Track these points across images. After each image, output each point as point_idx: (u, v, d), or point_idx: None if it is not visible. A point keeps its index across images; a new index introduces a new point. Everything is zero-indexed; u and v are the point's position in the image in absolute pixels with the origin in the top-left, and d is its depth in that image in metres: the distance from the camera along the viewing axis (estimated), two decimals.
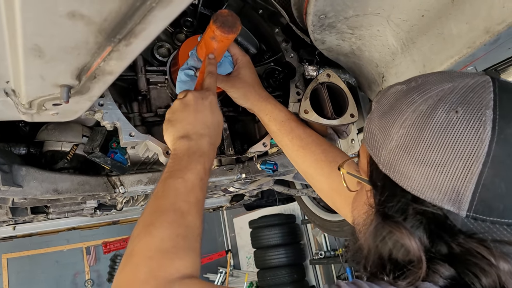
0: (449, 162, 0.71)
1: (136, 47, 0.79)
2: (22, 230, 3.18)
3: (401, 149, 0.77)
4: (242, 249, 10.13)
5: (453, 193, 0.71)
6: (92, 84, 0.92)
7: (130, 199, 2.47)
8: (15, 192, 1.64)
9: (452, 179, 0.71)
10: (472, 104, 0.73)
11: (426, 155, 0.74)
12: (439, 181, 0.72)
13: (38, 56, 0.77)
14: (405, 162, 0.76)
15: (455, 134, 0.71)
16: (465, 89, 0.76)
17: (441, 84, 0.79)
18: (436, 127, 0.73)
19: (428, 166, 0.73)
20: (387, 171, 0.80)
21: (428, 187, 0.74)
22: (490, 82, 0.76)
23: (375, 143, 0.84)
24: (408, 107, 0.79)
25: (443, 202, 0.72)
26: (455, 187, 0.71)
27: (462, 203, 0.71)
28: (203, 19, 1.84)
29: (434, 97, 0.77)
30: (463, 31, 1.20)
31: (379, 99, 0.90)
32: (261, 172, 2.06)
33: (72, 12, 0.66)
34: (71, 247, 9.57)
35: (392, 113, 0.82)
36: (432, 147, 0.73)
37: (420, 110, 0.77)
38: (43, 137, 1.82)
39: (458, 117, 0.72)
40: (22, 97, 0.97)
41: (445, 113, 0.74)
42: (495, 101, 0.72)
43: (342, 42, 1.59)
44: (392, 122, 0.81)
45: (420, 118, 0.76)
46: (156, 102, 1.69)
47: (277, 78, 1.86)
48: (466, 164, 0.70)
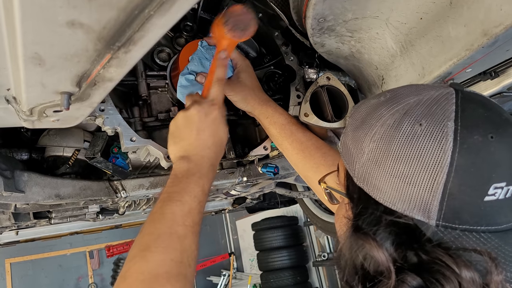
0: (415, 174, 0.74)
1: (135, 54, 0.79)
2: (25, 235, 3.19)
3: (372, 162, 0.80)
4: (245, 252, 10.13)
5: (421, 203, 0.73)
6: (92, 91, 0.93)
7: (132, 203, 2.48)
8: (18, 198, 1.64)
9: (419, 190, 0.73)
10: (435, 116, 0.75)
11: (394, 167, 0.76)
12: (407, 192, 0.75)
13: (38, 64, 0.77)
14: (376, 175, 0.79)
15: (419, 146, 0.74)
16: (430, 101, 0.78)
17: (407, 97, 0.82)
18: (402, 140, 0.76)
19: (396, 178, 0.76)
20: (361, 184, 0.82)
21: (398, 199, 0.76)
22: (453, 93, 0.78)
23: (350, 157, 0.86)
24: (376, 121, 0.82)
25: (413, 212, 0.75)
26: (422, 197, 0.73)
27: (430, 212, 0.73)
28: (203, 23, 1.84)
29: (401, 110, 0.80)
30: (461, 34, 1.20)
31: (352, 114, 0.93)
32: (262, 175, 2.06)
33: (72, 21, 0.66)
34: (74, 251, 9.57)
35: (363, 127, 0.84)
36: (399, 159, 0.76)
37: (387, 124, 0.79)
38: (45, 142, 1.83)
39: (422, 130, 0.75)
40: (23, 104, 0.97)
41: (410, 126, 0.76)
42: (456, 112, 0.75)
43: (342, 45, 1.59)
44: (363, 136, 0.83)
45: (387, 132, 0.79)
46: (156, 107, 1.70)
47: (277, 81, 1.86)
48: (431, 174, 0.72)
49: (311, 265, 7.82)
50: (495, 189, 0.71)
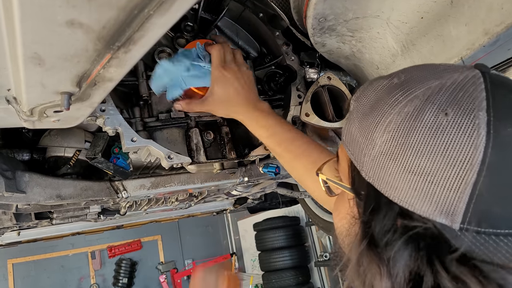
0: (440, 171, 0.64)
1: (135, 54, 0.79)
2: (26, 236, 3.19)
3: (385, 156, 0.70)
4: (247, 252, 10.13)
5: (445, 205, 0.64)
6: (93, 91, 0.92)
7: (134, 203, 2.48)
8: (19, 198, 1.65)
9: (444, 189, 0.64)
10: (464, 104, 0.65)
11: (414, 162, 0.66)
12: (429, 192, 0.65)
13: (38, 64, 0.77)
14: (391, 170, 0.69)
15: (446, 139, 0.64)
16: (454, 86, 0.68)
17: (427, 81, 0.71)
18: (425, 132, 0.66)
19: (416, 175, 0.66)
20: (371, 180, 0.73)
21: (417, 198, 0.66)
22: (481, 77, 0.68)
23: (357, 148, 0.76)
24: (391, 108, 0.71)
25: (435, 214, 0.65)
26: (447, 198, 0.64)
27: (455, 215, 0.64)
28: (204, 23, 1.84)
29: (421, 96, 0.69)
30: (462, 33, 1.20)
31: (358, 97, 0.82)
32: (263, 175, 2.06)
33: (71, 21, 0.66)
34: (76, 252, 9.59)
35: (374, 114, 0.74)
36: (420, 153, 0.66)
37: (405, 112, 0.69)
38: (46, 143, 1.83)
39: (449, 120, 0.65)
40: (23, 105, 0.97)
41: (434, 115, 0.66)
42: (488, 101, 0.64)
43: (343, 44, 1.59)
44: (375, 125, 0.73)
45: (406, 122, 0.68)
46: (157, 107, 1.70)
47: (278, 81, 1.86)
48: (459, 173, 0.63)
49: (313, 266, 7.82)
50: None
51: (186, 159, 1.58)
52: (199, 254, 10.30)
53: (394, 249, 0.68)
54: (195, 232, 10.61)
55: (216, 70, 1.46)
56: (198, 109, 1.53)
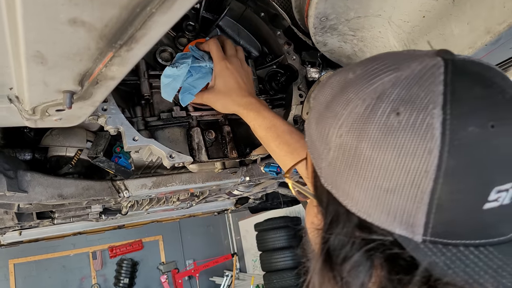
0: (394, 178, 0.57)
1: (137, 52, 0.79)
2: (28, 236, 3.19)
3: (340, 162, 0.63)
4: (248, 252, 10.13)
5: (403, 215, 0.58)
6: (95, 89, 0.92)
7: (135, 203, 2.48)
8: (21, 198, 1.65)
9: (400, 198, 0.57)
10: (417, 101, 0.57)
11: (367, 169, 0.59)
12: (385, 201, 0.58)
13: (40, 62, 0.77)
14: (346, 177, 0.62)
15: (397, 143, 0.57)
16: (410, 79, 0.60)
17: (382, 74, 0.63)
18: (375, 136, 0.59)
19: (371, 182, 0.59)
20: (329, 187, 0.66)
21: (374, 208, 0.60)
22: (442, 67, 0.59)
23: (316, 152, 0.70)
24: (343, 108, 0.64)
25: (394, 225, 0.59)
26: (404, 207, 0.57)
27: (415, 226, 0.57)
28: (205, 23, 1.84)
29: (372, 94, 0.61)
30: (464, 32, 1.20)
31: (316, 95, 0.74)
32: (265, 175, 2.06)
33: (74, 19, 0.66)
34: (77, 252, 9.60)
35: (328, 115, 0.66)
36: (372, 159, 0.59)
37: (356, 113, 0.61)
38: (48, 142, 1.83)
39: (400, 121, 0.57)
40: (25, 104, 0.97)
41: (385, 116, 0.58)
42: (445, 95, 0.56)
43: (344, 44, 1.59)
44: (328, 128, 0.66)
45: (356, 124, 0.61)
46: (159, 106, 1.70)
47: (280, 80, 1.86)
48: (414, 180, 0.56)
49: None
50: (497, 193, 0.55)
51: (187, 158, 1.58)
52: (200, 254, 10.31)
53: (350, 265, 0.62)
54: (196, 232, 10.62)
55: (218, 63, 1.49)
56: (198, 101, 1.55)
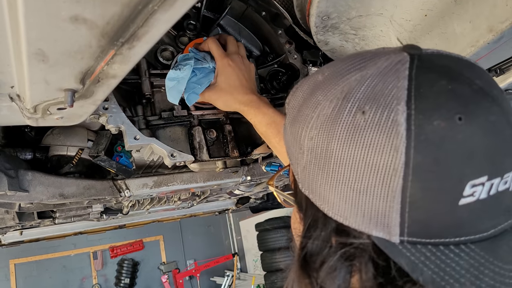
0: (364, 179, 0.56)
1: (139, 50, 0.79)
2: (29, 235, 3.19)
3: (313, 166, 0.62)
4: (249, 252, 10.13)
5: (378, 215, 0.56)
6: (96, 88, 0.92)
7: (136, 203, 2.48)
8: (22, 197, 1.65)
9: (372, 198, 0.56)
10: (382, 98, 0.56)
11: (338, 171, 0.58)
12: (358, 202, 0.57)
13: (41, 60, 0.77)
14: (320, 181, 0.61)
15: (364, 142, 0.56)
16: (375, 77, 0.59)
17: (348, 74, 0.62)
18: (343, 135, 0.58)
19: (343, 184, 0.58)
20: (306, 192, 0.66)
21: (349, 210, 0.59)
22: (407, 62, 0.58)
23: (292, 156, 0.69)
24: (312, 111, 0.64)
25: (370, 227, 0.57)
26: (378, 207, 0.56)
27: (391, 226, 0.56)
28: (206, 22, 1.84)
29: (339, 94, 0.61)
30: (467, 30, 1.19)
31: (289, 100, 0.74)
32: (266, 174, 2.06)
33: (75, 16, 0.66)
34: (78, 252, 9.60)
35: (299, 119, 0.66)
36: (342, 160, 0.58)
37: (324, 115, 0.61)
38: (49, 141, 1.83)
39: (366, 119, 0.56)
40: (26, 102, 0.97)
41: (351, 115, 0.58)
42: (409, 90, 0.55)
43: (346, 43, 1.59)
44: (301, 131, 0.65)
45: (325, 126, 0.60)
46: (160, 105, 1.69)
47: (281, 80, 1.86)
48: (384, 179, 0.55)
49: None
50: (472, 188, 0.54)
51: (189, 157, 1.58)
52: (201, 254, 10.31)
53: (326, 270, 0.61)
54: (197, 232, 10.63)
55: (220, 61, 1.50)
56: (200, 99, 1.55)
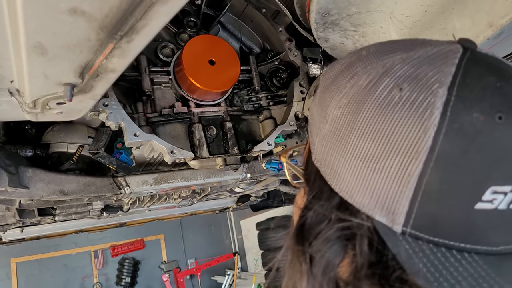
0: (383, 157, 0.53)
1: (137, 44, 0.79)
2: (30, 233, 3.20)
3: (333, 136, 0.59)
4: (250, 251, 10.12)
5: (386, 199, 0.53)
6: (95, 82, 0.92)
7: (137, 200, 2.48)
8: (22, 194, 1.65)
9: (385, 180, 0.53)
10: (423, 79, 0.53)
11: (358, 145, 0.55)
12: (370, 181, 0.54)
13: (40, 54, 0.77)
14: (336, 153, 0.58)
15: (393, 119, 0.52)
16: (422, 59, 0.55)
17: (394, 53, 0.59)
18: (374, 109, 0.55)
19: (359, 159, 0.55)
20: (318, 164, 0.63)
21: (357, 188, 0.56)
22: (459, 52, 0.55)
23: (314, 127, 0.66)
24: (348, 80, 0.60)
25: (374, 210, 0.54)
26: (388, 190, 0.53)
27: (396, 214, 0.52)
28: (207, 19, 1.84)
29: (379, 68, 0.57)
30: (467, 26, 1.19)
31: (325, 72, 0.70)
32: (266, 172, 2.05)
33: (74, 9, 0.66)
34: (79, 251, 9.60)
35: (332, 88, 0.63)
36: (365, 134, 0.55)
37: (359, 85, 0.58)
38: (49, 138, 1.83)
39: (401, 97, 0.53)
40: (26, 97, 0.97)
41: (387, 90, 0.54)
42: (455, 76, 0.51)
43: (346, 39, 1.59)
44: (330, 99, 0.62)
45: (357, 96, 0.57)
46: (160, 102, 1.70)
47: (281, 77, 1.86)
48: (403, 161, 0.51)
49: None
50: (493, 194, 0.49)
51: (189, 154, 1.58)
52: (201, 253, 10.30)
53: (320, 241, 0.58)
54: (198, 231, 10.62)
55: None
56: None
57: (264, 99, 1.85)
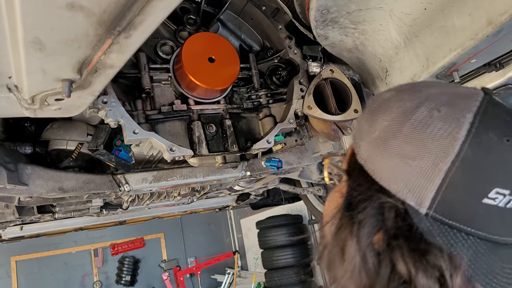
0: (419, 156, 0.71)
1: (136, 40, 0.79)
2: (29, 231, 3.19)
3: (380, 140, 0.78)
4: (250, 250, 10.13)
5: (416, 187, 0.71)
6: (94, 78, 0.92)
7: (136, 197, 2.48)
8: (21, 191, 1.65)
9: (419, 173, 0.71)
10: (456, 106, 0.73)
11: (399, 147, 0.74)
12: (406, 174, 0.72)
13: (38, 49, 0.77)
14: (381, 153, 0.77)
15: (430, 129, 0.71)
16: (454, 94, 0.77)
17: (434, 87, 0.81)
18: (415, 122, 0.74)
19: (399, 157, 0.73)
20: (363, 161, 0.80)
21: (395, 179, 0.73)
22: (481, 94, 0.75)
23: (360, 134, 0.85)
24: (395, 103, 0.80)
25: (407, 195, 0.71)
26: (419, 181, 0.70)
27: (423, 199, 0.69)
28: (206, 16, 1.84)
29: (422, 97, 0.77)
30: (466, 23, 1.19)
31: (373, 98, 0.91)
32: (265, 170, 2.05)
33: (72, 3, 0.66)
34: (79, 249, 9.62)
35: (381, 108, 0.83)
36: (406, 140, 0.73)
37: (406, 106, 0.77)
38: (48, 136, 1.83)
39: (438, 116, 0.72)
40: (24, 93, 0.97)
41: (428, 110, 0.74)
42: (479, 108, 0.72)
43: (345, 37, 1.58)
44: (379, 115, 0.81)
45: (403, 113, 0.76)
46: (160, 100, 1.69)
47: (281, 75, 1.86)
48: (435, 159, 0.70)
49: (315, 264, 7.80)
50: (496, 194, 0.68)
51: (188, 151, 1.58)
52: (201, 252, 10.31)
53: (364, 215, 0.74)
54: (198, 230, 10.63)
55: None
56: None
57: (263, 97, 1.85)
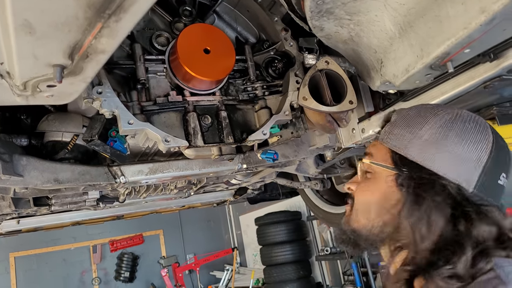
0: (467, 153, 1.01)
1: (126, 23, 0.79)
2: (26, 224, 3.19)
3: (432, 143, 1.04)
4: (248, 247, 10.15)
5: (467, 174, 1.01)
6: (85, 63, 0.92)
7: (132, 190, 2.48)
8: (16, 182, 1.65)
9: (468, 165, 1.01)
10: (479, 122, 1.05)
11: (452, 148, 1.02)
12: (459, 166, 1.01)
13: (29, 32, 0.77)
14: (436, 151, 1.03)
15: (472, 136, 1.03)
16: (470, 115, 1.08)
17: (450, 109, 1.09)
18: (458, 131, 1.03)
19: (451, 154, 1.02)
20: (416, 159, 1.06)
21: (451, 170, 1.02)
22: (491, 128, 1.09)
23: (402, 141, 1.10)
24: (433, 115, 1.08)
25: (460, 180, 1.00)
26: (469, 170, 1.01)
27: (471, 181, 1.00)
28: (202, 8, 1.84)
29: (452, 113, 1.07)
30: (459, 12, 1.19)
31: (399, 112, 1.19)
32: (262, 162, 2.06)
33: None
34: (78, 246, 9.63)
35: (419, 119, 1.09)
36: (456, 143, 1.02)
37: (445, 118, 1.06)
38: (44, 127, 1.83)
39: (472, 127, 1.04)
40: (16, 79, 0.97)
41: (462, 123, 1.04)
42: (492, 129, 1.07)
43: (341, 28, 1.58)
44: (420, 125, 1.08)
45: (446, 123, 1.05)
46: (155, 91, 1.69)
47: (277, 67, 1.86)
48: (479, 156, 1.01)
49: (314, 260, 7.82)
50: (503, 178, 1.04)
51: (183, 142, 1.58)
52: (200, 248, 10.33)
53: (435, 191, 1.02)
54: (197, 226, 10.65)
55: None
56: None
57: (259, 88, 1.85)
